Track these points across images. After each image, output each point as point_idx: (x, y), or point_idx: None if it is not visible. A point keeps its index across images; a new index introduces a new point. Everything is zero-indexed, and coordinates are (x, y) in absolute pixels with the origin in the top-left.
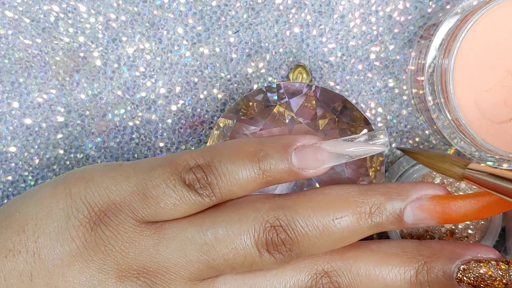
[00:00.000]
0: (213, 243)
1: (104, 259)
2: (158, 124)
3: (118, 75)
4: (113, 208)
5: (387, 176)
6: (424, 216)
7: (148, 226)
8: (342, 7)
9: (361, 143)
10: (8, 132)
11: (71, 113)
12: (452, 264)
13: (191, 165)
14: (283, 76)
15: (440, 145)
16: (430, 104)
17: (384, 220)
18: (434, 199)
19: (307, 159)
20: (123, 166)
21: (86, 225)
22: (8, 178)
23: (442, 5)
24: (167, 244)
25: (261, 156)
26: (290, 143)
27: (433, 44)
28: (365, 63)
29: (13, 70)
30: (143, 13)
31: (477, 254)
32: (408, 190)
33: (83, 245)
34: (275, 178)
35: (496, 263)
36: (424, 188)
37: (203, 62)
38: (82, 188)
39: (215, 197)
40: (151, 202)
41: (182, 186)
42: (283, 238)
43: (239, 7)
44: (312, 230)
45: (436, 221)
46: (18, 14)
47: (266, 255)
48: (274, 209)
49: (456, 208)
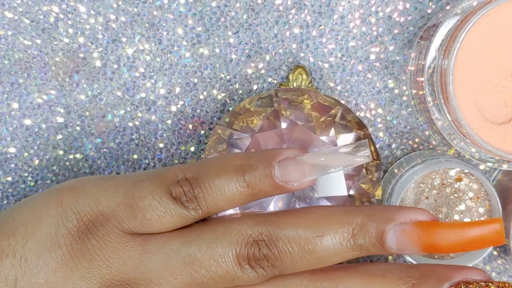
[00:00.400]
0: (197, 255)
1: (88, 268)
2: (158, 125)
3: (118, 76)
4: (101, 219)
5: (387, 177)
6: (407, 241)
7: (134, 237)
8: (342, 7)
9: (342, 155)
10: (7, 133)
11: (71, 114)
12: (441, 287)
13: (179, 178)
14: (283, 77)
15: (440, 145)
16: (430, 105)
17: (367, 242)
18: (419, 224)
19: (289, 172)
20: (114, 178)
21: (74, 234)
22: (7, 179)
23: (442, 5)
24: (151, 256)
25: (246, 169)
26: (274, 156)
27: (433, 45)
28: (365, 64)
29: (13, 71)
30: (142, 14)
31: (466, 276)
32: (393, 213)
33: (69, 252)
34: (260, 191)
35: (485, 284)
36: (410, 213)
37: (203, 62)
38: (73, 198)
39: (201, 210)
40: (138, 213)
41: (168, 198)
42: (265, 253)
43: (239, 8)
44: (294, 247)
45: (418, 248)
46: (17, 14)
47: (248, 270)
48: (258, 224)
49: (443, 236)
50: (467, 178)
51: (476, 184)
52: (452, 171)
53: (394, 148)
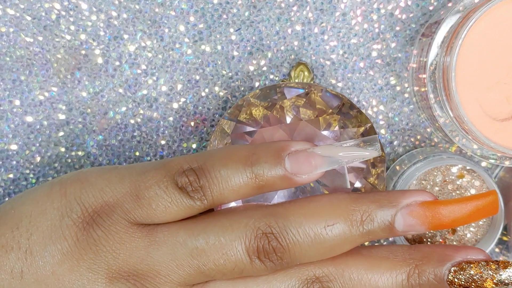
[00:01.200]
0: (204, 248)
1: (95, 259)
2: (160, 122)
3: (120, 73)
4: (106, 209)
5: (389, 174)
6: (414, 222)
7: (140, 228)
8: (344, 4)
9: (353, 148)
10: (9, 130)
11: (73, 111)
12: (442, 267)
13: (185, 168)
14: (285, 74)
15: (442, 143)
16: (432, 102)
17: (376, 228)
18: (423, 204)
19: (300, 164)
20: (118, 169)
21: (79, 225)
22: (9, 176)
23: (444, 2)
24: (158, 247)
25: (254, 160)
26: (284, 148)
27: (435, 42)
28: (366, 61)
29: (15, 68)
30: (144, 11)
31: (467, 256)
32: (398, 197)
33: (74, 244)
34: (267, 183)
35: (486, 263)
36: (413, 195)
37: (204, 60)
38: (77, 189)
39: (207, 200)
40: (143, 203)
41: (174, 188)
42: (274, 245)
43: (240, 5)
44: (304, 238)
45: (426, 227)
46: (19, 11)
47: (257, 262)
48: (266, 216)
49: (446, 213)
50: (469, 175)
51: (478, 181)
52: (454, 168)
53: (396, 145)
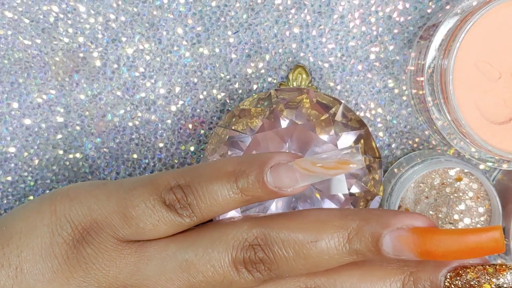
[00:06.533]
0: (193, 260)
1: (85, 276)
2: (158, 125)
3: (118, 75)
4: (95, 227)
5: (387, 177)
6: (402, 248)
7: (129, 245)
8: (342, 7)
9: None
10: (7, 133)
11: (71, 113)
12: (438, 273)
13: (172, 185)
14: (283, 76)
15: (440, 145)
16: (430, 105)
17: (362, 247)
18: (415, 231)
19: (281, 178)
20: (106, 185)
21: (69, 243)
22: (7, 178)
23: (442, 5)
24: (147, 262)
25: (238, 176)
26: (266, 161)
27: (433, 45)
28: (364, 64)
29: (13, 71)
30: (142, 14)
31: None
32: (389, 219)
33: (64, 262)
34: (253, 196)
35: (483, 267)
36: (406, 218)
37: (202, 62)
38: (66, 206)
39: (196, 217)
40: (131, 222)
41: (161, 206)
42: (261, 256)
43: (238, 8)
44: (289, 251)
45: (414, 255)
46: (17, 14)
47: (244, 273)
48: (253, 227)
49: (439, 243)
50: (467, 178)
51: (476, 183)
52: (452, 171)
53: (394, 147)
